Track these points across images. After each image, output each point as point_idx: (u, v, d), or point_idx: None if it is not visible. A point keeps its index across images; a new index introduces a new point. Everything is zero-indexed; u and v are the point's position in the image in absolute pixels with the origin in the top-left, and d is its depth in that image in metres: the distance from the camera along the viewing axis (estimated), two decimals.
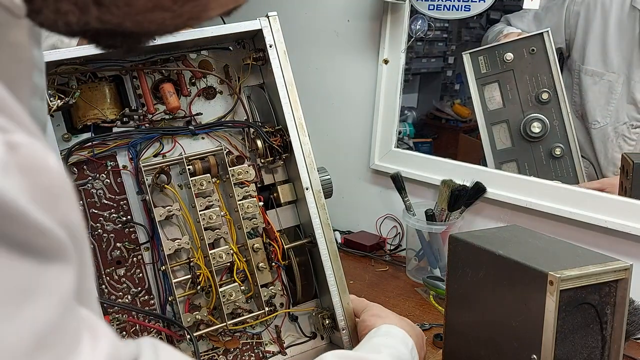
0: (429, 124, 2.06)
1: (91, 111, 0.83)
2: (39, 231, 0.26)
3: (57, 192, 0.28)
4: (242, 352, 0.91)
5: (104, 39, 0.37)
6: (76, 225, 0.29)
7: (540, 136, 1.37)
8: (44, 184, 0.27)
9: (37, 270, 0.26)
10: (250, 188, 0.89)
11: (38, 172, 0.27)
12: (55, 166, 0.28)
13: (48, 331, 0.26)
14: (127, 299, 0.85)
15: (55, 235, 0.27)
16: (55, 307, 0.27)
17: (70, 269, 0.28)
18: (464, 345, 0.86)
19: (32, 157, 0.27)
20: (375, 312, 0.82)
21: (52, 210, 0.27)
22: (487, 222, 1.36)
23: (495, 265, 0.78)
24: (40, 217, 0.26)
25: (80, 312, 0.29)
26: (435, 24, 1.52)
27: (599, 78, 1.41)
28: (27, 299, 0.26)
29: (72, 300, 0.28)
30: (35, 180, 0.27)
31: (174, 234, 0.87)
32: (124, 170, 0.85)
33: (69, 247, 0.28)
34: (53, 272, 0.27)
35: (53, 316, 0.27)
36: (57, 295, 0.27)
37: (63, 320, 0.27)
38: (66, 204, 0.29)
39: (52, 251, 0.27)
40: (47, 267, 0.27)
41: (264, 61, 0.90)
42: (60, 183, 0.28)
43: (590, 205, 1.21)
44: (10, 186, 0.25)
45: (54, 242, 0.27)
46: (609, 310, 0.74)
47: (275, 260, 0.91)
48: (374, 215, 1.57)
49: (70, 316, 0.28)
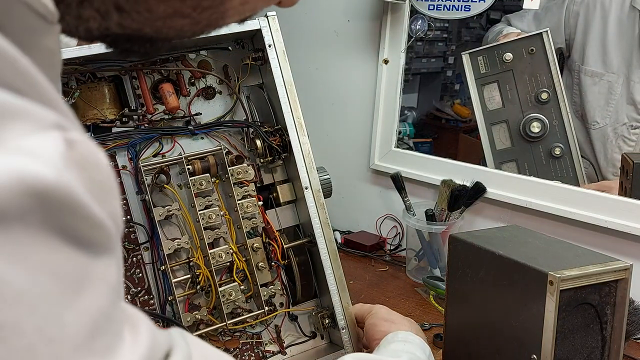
0: (429, 124, 2.07)
1: (90, 111, 0.83)
2: (95, 224, 0.27)
3: (108, 187, 0.29)
4: (242, 352, 0.91)
5: (122, 43, 0.38)
6: (120, 219, 0.31)
7: (540, 136, 1.37)
8: (98, 179, 0.28)
9: (91, 261, 0.27)
10: (249, 188, 0.89)
11: (93, 167, 0.28)
12: (106, 162, 0.30)
13: (101, 319, 0.27)
14: (127, 299, 0.85)
15: (107, 228, 0.28)
16: (107, 296, 0.28)
17: (115, 262, 0.29)
18: (464, 345, 0.86)
19: (88, 153, 0.28)
20: (386, 316, 0.82)
21: (104, 204, 0.28)
22: (487, 222, 1.36)
23: (495, 265, 0.78)
24: (97, 210, 0.27)
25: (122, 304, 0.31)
26: (435, 24, 1.52)
27: (599, 78, 1.41)
28: (83, 288, 0.27)
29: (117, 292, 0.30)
30: (91, 175, 0.28)
31: (173, 233, 0.87)
32: (123, 170, 0.85)
33: (116, 240, 0.29)
34: (104, 264, 0.28)
35: (105, 305, 0.28)
36: (108, 285, 0.28)
37: (113, 310, 0.29)
38: (114, 198, 0.30)
39: (104, 243, 0.28)
40: (99, 258, 0.28)
41: (263, 61, 0.90)
42: (110, 178, 0.30)
43: (590, 205, 1.21)
44: (72, 180, 0.26)
45: (106, 235, 0.28)
46: (609, 310, 0.74)
47: (275, 259, 0.91)
48: (374, 215, 1.57)
49: (117, 306, 0.29)
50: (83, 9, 0.33)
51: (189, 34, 0.39)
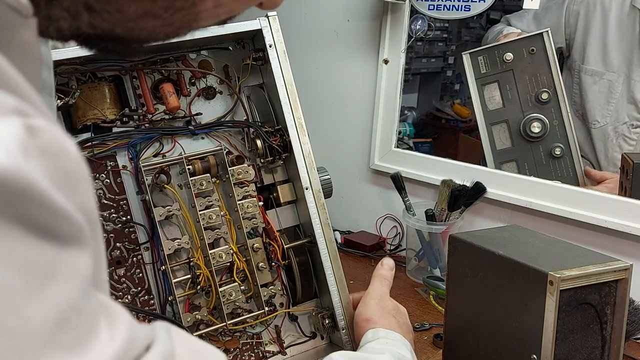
0: (429, 124, 2.06)
1: (91, 111, 0.83)
2: (59, 215, 0.26)
3: (76, 177, 0.28)
4: (242, 352, 0.91)
5: (96, 42, 0.38)
6: (92, 210, 0.30)
7: (540, 136, 1.37)
8: (64, 168, 0.27)
9: (57, 252, 0.27)
10: (250, 188, 0.89)
11: (58, 156, 0.27)
12: (74, 150, 0.28)
13: (69, 312, 0.27)
14: (127, 299, 0.85)
15: (74, 220, 0.27)
16: (76, 289, 0.27)
17: (88, 253, 0.29)
18: (464, 345, 0.86)
19: (53, 141, 0.27)
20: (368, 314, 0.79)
21: (71, 195, 0.27)
22: (487, 222, 1.36)
23: (495, 265, 0.78)
24: (61, 201, 0.26)
25: (98, 296, 0.30)
26: (435, 24, 1.51)
27: (599, 77, 1.41)
28: (48, 280, 0.26)
29: (90, 284, 0.29)
30: (56, 164, 0.27)
31: (173, 233, 0.87)
32: (123, 170, 0.85)
33: (87, 231, 0.28)
34: (72, 255, 0.27)
35: (74, 297, 0.27)
36: (77, 278, 0.27)
37: (84, 302, 0.28)
38: (84, 189, 0.29)
39: (72, 235, 0.27)
40: (67, 250, 0.27)
41: (264, 61, 0.90)
42: (79, 168, 0.29)
43: (590, 205, 1.21)
44: (32, 169, 0.25)
45: (73, 226, 0.27)
46: (609, 310, 0.74)
47: (275, 260, 0.91)
48: (374, 215, 1.57)
49: (90, 299, 0.28)
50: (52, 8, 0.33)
51: (162, 36, 0.38)
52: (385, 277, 0.85)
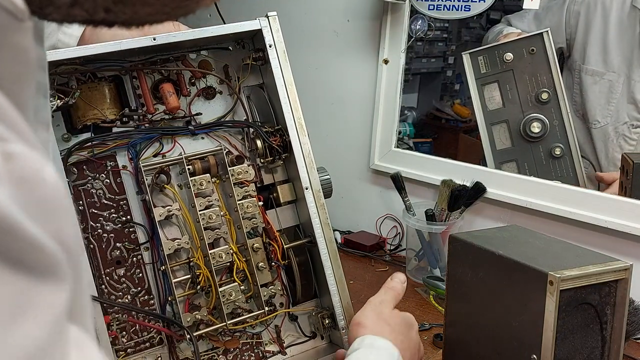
0: (429, 124, 2.06)
1: (91, 111, 0.83)
2: (31, 245, 0.25)
3: (52, 206, 0.27)
4: (242, 352, 0.91)
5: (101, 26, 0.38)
6: (72, 240, 0.29)
7: (540, 136, 1.37)
8: (39, 196, 0.26)
9: (29, 286, 0.25)
10: (249, 188, 0.89)
11: (32, 184, 0.26)
12: (52, 179, 0.27)
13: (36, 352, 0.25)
14: (127, 299, 0.85)
15: (48, 249, 0.26)
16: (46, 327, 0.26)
17: (63, 286, 0.27)
18: (464, 345, 0.86)
19: (27, 168, 0.26)
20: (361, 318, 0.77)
21: (46, 225, 0.26)
22: (487, 222, 1.36)
23: (495, 265, 0.78)
24: (33, 231, 0.25)
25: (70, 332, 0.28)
26: (435, 24, 1.51)
27: (600, 77, 1.41)
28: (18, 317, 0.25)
29: (64, 318, 0.27)
30: (30, 192, 0.26)
31: (173, 233, 0.87)
32: (123, 170, 0.85)
33: (63, 263, 0.27)
34: (46, 289, 0.26)
35: (43, 336, 0.26)
36: (49, 314, 0.26)
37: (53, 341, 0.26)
38: (61, 218, 0.28)
39: (46, 267, 0.26)
40: (40, 283, 0.26)
41: (264, 61, 0.90)
42: (56, 196, 0.27)
43: (590, 205, 1.21)
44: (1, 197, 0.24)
45: (48, 258, 0.26)
46: (609, 310, 0.74)
47: (275, 260, 0.91)
48: (374, 215, 1.57)
49: (60, 336, 0.27)
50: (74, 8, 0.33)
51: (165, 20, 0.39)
52: (392, 288, 0.83)
